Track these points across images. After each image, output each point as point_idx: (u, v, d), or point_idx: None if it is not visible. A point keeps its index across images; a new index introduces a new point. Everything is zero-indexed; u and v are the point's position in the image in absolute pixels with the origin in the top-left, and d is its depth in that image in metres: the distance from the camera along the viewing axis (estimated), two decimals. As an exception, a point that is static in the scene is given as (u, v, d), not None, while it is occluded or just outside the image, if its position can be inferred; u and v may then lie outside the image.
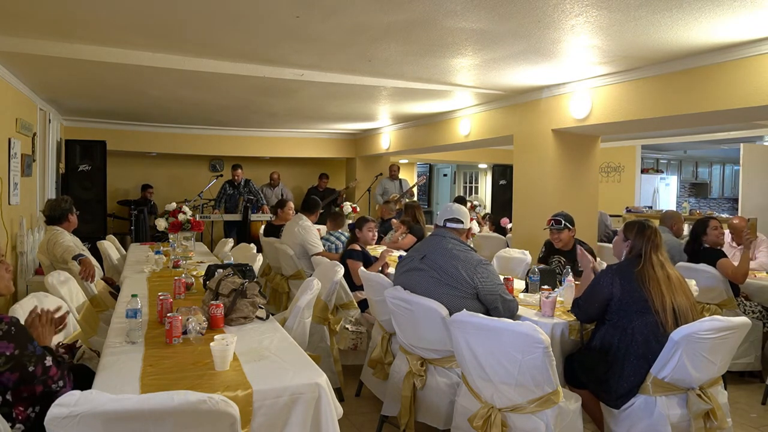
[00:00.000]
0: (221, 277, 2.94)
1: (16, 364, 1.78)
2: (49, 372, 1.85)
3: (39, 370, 1.82)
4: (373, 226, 4.73)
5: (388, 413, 3.18)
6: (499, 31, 3.73)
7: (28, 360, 1.81)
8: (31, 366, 1.81)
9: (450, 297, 2.87)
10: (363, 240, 4.70)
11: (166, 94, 6.23)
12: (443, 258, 2.96)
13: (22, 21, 3.76)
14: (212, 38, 4.11)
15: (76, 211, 4.55)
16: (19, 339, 1.82)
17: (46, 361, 1.85)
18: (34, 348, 1.85)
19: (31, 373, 1.80)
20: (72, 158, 7.46)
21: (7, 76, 5.12)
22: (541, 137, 5.79)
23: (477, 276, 2.88)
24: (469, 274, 2.88)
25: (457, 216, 3.11)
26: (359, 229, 4.70)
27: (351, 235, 4.88)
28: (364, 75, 5.23)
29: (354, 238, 4.76)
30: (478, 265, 2.91)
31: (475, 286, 2.87)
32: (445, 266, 2.93)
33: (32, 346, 1.84)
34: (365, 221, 4.73)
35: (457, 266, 2.90)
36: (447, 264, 2.93)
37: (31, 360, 1.81)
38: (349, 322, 4.01)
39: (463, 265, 2.90)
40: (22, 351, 1.80)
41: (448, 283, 2.90)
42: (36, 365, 1.82)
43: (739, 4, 3.13)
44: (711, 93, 4.15)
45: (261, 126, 9.41)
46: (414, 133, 8.47)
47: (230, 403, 1.61)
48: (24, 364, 1.80)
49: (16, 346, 1.79)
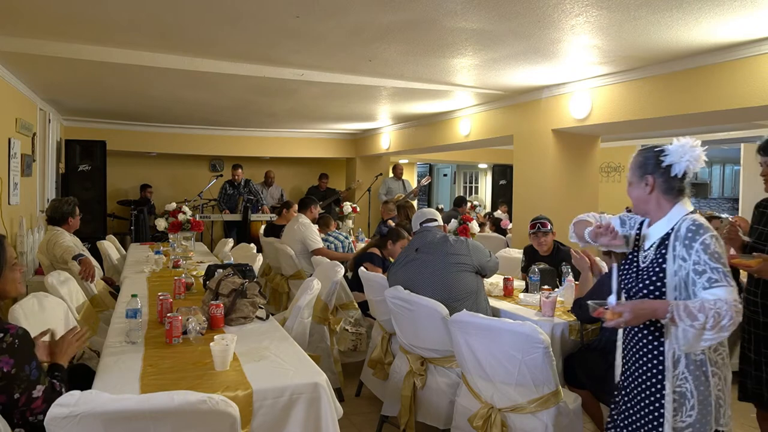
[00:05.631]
0: (221, 277, 2.94)
1: (6, 385, 1.74)
2: (32, 404, 1.78)
3: (23, 400, 1.76)
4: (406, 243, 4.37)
5: (388, 413, 3.18)
6: (499, 31, 3.73)
7: (18, 385, 1.75)
8: (17, 393, 1.75)
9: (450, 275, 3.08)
10: (391, 252, 4.43)
11: (166, 94, 6.23)
12: (436, 245, 3.23)
13: (22, 21, 3.76)
14: (212, 38, 4.11)
15: (78, 213, 4.54)
16: (21, 356, 1.77)
17: (35, 391, 1.79)
18: (30, 370, 1.79)
19: (14, 401, 1.75)
20: (72, 158, 7.46)
21: (7, 76, 5.12)
22: (541, 137, 5.78)
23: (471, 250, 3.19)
24: (463, 251, 3.17)
25: (430, 217, 3.49)
26: (393, 241, 4.40)
27: (379, 240, 4.62)
28: (364, 75, 5.23)
29: (381, 243, 4.53)
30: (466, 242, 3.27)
31: (471, 259, 3.15)
32: (441, 250, 3.18)
33: (29, 368, 1.79)
34: (402, 237, 4.37)
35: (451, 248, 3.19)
36: (441, 248, 3.20)
37: (21, 386, 1.76)
38: (349, 323, 4.01)
39: (454, 246, 3.20)
40: (18, 371, 1.75)
41: (446, 263, 3.12)
42: (22, 393, 1.76)
43: (739, 4, 3.13)
44: (711, 93, 4.14)
45: (261, 126, 9.41)
46: (414, 133, 8.47)
47: (230, 403, 1.61)
48: (12, 388, 1.75)
49: (14, 363, 1.75)
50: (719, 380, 1.78)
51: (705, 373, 1.76)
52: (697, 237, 1.74)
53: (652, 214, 1.93)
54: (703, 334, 1.64)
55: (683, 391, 1.77)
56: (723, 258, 1.71)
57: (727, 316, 1.62)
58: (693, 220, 1.79)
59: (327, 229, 5.81)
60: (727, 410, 1.79)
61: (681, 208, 1.86)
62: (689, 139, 1.84)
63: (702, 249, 1.72)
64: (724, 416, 1.78)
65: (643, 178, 1.91)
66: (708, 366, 1.76)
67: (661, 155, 1.87)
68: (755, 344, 2.36)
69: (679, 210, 1.86)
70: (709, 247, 1.72)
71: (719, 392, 1.77)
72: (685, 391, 1.76)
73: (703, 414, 1.75)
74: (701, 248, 1.72)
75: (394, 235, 4.44)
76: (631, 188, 1.97)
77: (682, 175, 1.85)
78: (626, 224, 2.08)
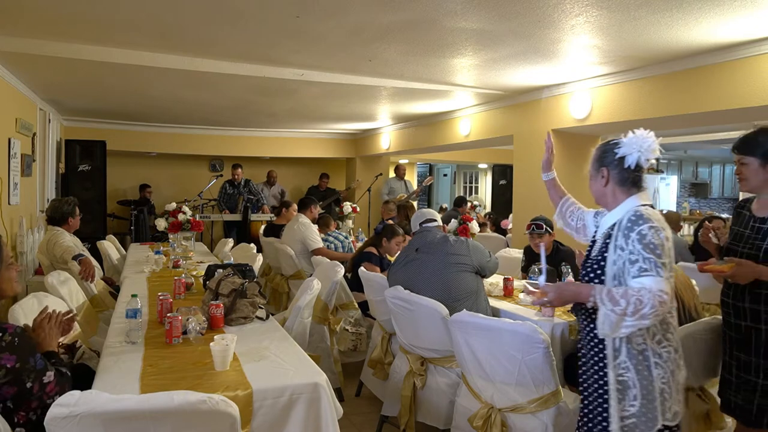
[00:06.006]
0: (221, 277, 2.94)
1: (15, 378, 1.76)
2: (46, 389, 1.82)
3: (36, 387, 1.80)
4: (402, 240, 4.43)
5: (388, 413, 3.18)
6: (499, 31, 3.73)
7: (27, 375, 1.78)
8: (29, 382, 1.79)
9: (450, 275, 3.08)
10: (387, 250, 4.46)
11: (166, 94, 6.23)
12: (436, 245, 3.23)
13: (22, 21, 3.76)
14: (212, 38, 4.11)
15: (79, 213, 4.54)
16: (22, 351, 1.79)
17: (45, 377, 1.83)
18: (35, 362, 1.82)
19: (28, 390, 1.78)
20: (72, 158, 7.46)
21: (7, 76, 5.12)
22: (541, 137, 5.75)
23: (471, 250, 3.19)
24: (463, 251, 3.17)
25: (429, 217, 3.50)
26: (387, 238, 4.43)
27: (374, 238, 4.61)
28: (364, 75, 5.22)
29: (377, 242, 4.53)
30: (466, 242, 3.27)
31: (471, 259, 3.15)
32: (441, 250, 3.18)
33: (33, 360, 1.82)
34: (397, 234, 4.42)
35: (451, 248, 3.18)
36: (441, 248, 3.19)
37: (30, 375, 1.79)
38: (349, 323, 4.01)
39: (454, 246, 3.19)
40: (23, 365, 1.78)
41: (446, 263, 3.11)
42: (34, 381, 1.80)
43: (739, 4, 3.13)
44: (711, 93, 4.14)
45: (261, 126, 9.41)
46: (414, 133, 8.47)
47: (230, 403, 1.61)
48: (23, 379, 1.77)
49: (17, 359, 1.77)
50: (664, 373, 1.79)
51: (647, 364, 1.78)
52: (635, 227, 1.77)
53: (610, 206, 1.97)
54: (623, 320, 1.68)
55: (625, 380, 1.79)
56: (659, 249, 1.73)
57: (649, 304, 1.65)
58: (635, 211, 1.82)
59: (326, 229, 5.82)
60: (673, 406, 1.80)
61: (634, 200, 1.89)
62: (643, 131, 1.88)
63: (638, 239, 1.75)
64: (669, 410, 1.78)
65: (599, 171, 1.97)
66: (651, 357, 1.78)
67: (615, 148, 1.92)
68: (729, 346, 2.32)
69: (631, 202, 1.89)
70: (644, 238, 1.75)
71: (664, 385, 1.78)
72: (627, 380, 1.79)
73: (647, 405, 1.77)
74: (637, 238, 1.76)
75: (388, 233, 4.46)
76: (591, 181, 2.03)
77: (635, 166, 1.88)
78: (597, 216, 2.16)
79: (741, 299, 2.22)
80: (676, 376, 1.82)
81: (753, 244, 2.19)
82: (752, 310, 2.17)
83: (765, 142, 2.17)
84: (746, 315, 2.20)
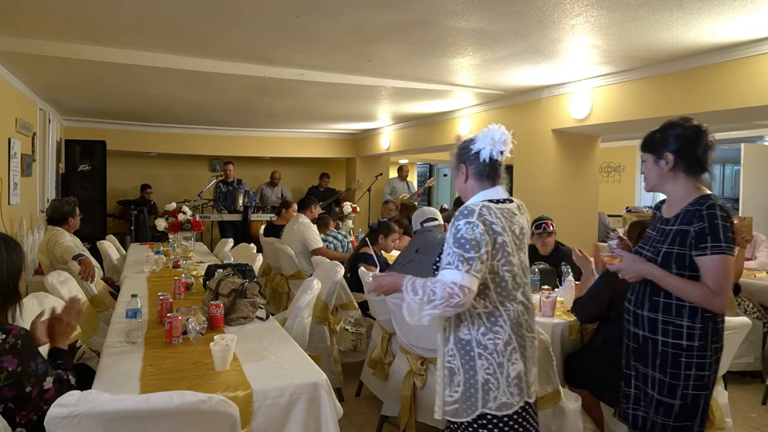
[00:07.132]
0: (221, 277, 2.94)
1: (15, 381, 1.75)
2: (45, 395, 1.80)
3: (35, 392, 1.78)
4: (397, 237, 4.46)
5: (388, 413, 3.18)
6: (499, 31, 3.73)
7: (27, 379, 1.77)
8: (29, 386, 1.77)
9: None
10: (383, 247, 4.47)
11: (166, 94, 6.23)
12: (436, 246, 3.16)
13: (22, 21, 3.76)
14: (212, 38, 4.11)
15: (79, 213, 4.54)
16: (25, 354, 1.78)
17: (45, 382, 1.81)
18: (36, 366, 1.80)
19: (27, 394, 1.77)
20: (72, 158, 7.46)
21: (7, 76, 5.12)
22: (541, 137, 5.78)
23: None
24: None
25: (430, 216, 3.52)
26: (384, 235, 4.43)
27: (370, 236, 4.58)
28: (364, 75, 5.23)
29: (372, 238, 4.51)
30: None
31: None
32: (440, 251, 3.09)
33: (35, 364, 1.80)
34: (393, 231, 4.42)
35: None
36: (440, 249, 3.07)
37: (30, 380, 1.77)
38: (349, 323, 4.01)
39: None
40: (25, 368, 1.76)
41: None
42: (34, 386, 1.78)
43: (739, 4, 3.13)
44: (711, 93, 4.14)
45: (261, 126, 9.41)
46: (414, 133, 8.47)
47: (230, 403, 1.61)
48: (23, 382, 1.76)
49: (20, 362, 1.75)
50: (489, 365, 1.81)
51: (470, 354, 1.83)
52: (455, 222, 1.81)
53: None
54: (423, 308, 1.75)
55: (452, 367, 1.86)
56: (468, 245, 1.75)
57: (439, 295, 1.71)
58: (466, 206, 1.85)
59: (326, 229, 5.82)
60: (499, 396, 1.80)
61: (485, 194, 1.91)
62: (494, 125, 1.91)
63: (452, 233, 1.80)
64: (494, 401, 1.80)
65: (458, 168, 1.99)
66: (474, 348, 1.83)
67: (471, 144, 1.96)
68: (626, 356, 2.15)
69: (479, 197, 1.91)
70: (458, 232, 1.78)
71: (489, 376, 1.81)
72: (453, 367, 1.86)
73: (468, 393, 1.82)
74: (452, 232, 1.81)
75: (384, 230, 4.48)
76: (455, 180, 2.04)
77: (489, 160, 1.91)
78: None
79: (641, 306, 2.08)
80: (505, 369, 1.82)
81: (654, 247, 2.06)
82: (650, 318, 2.04)
83: (660, 138, 2.08)
84: (644, 324, 2.06)
